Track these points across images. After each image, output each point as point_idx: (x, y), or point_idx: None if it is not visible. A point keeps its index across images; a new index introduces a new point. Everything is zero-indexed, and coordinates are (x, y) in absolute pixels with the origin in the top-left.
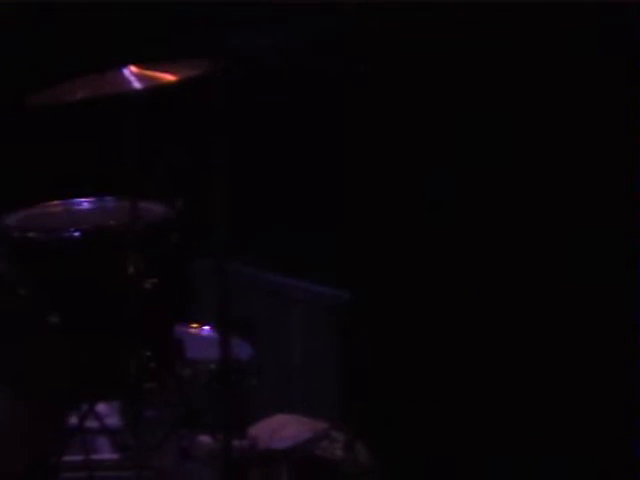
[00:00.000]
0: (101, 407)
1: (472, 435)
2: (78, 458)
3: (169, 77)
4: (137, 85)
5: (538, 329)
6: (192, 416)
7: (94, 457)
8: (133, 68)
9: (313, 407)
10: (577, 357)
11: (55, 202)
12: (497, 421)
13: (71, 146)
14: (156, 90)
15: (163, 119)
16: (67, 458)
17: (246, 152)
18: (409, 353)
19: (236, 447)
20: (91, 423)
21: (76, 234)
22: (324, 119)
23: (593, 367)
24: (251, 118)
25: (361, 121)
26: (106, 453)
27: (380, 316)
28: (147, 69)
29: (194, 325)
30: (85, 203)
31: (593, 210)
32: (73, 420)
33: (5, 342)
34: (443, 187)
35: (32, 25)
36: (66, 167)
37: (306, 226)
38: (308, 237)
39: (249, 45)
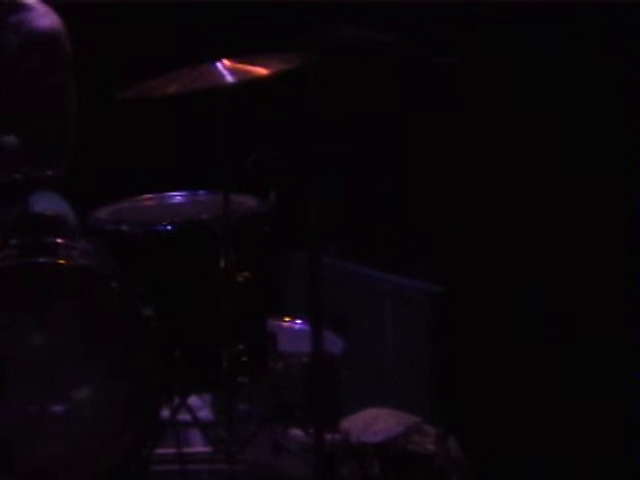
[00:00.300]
0: (193, 400)
1: (561, 432)
2: (170, 451)
3: (262, 71)
4: (230, 79)
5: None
6: (284, 410)
7: (186, 450)
8: (226, 62)
9: (405, 401)
10: None
11: (148, 196)
12: (588, 418)
13: (164, 140)
14: (249, 84)
15: (256, 112)
16: (159, 451)
17: (341, 145)
18: (499, 348)
19: (328, 441)
20: (183, 416)
21: (169, 228)
22: (421, 113)
23: None
24: (345, 111)
25: (457, 115)
26: (198, 446)
27: (472, 311)
28: (240, 63)
29: (286, 319)
30: (178, 197)
31: None
32: (165, 413)
33: (100, 337)
34: (536, 182)
35: (125, 19)
36: (159, 161)
37: (400, 220)
38: (402, 231)
39: (343, 38)
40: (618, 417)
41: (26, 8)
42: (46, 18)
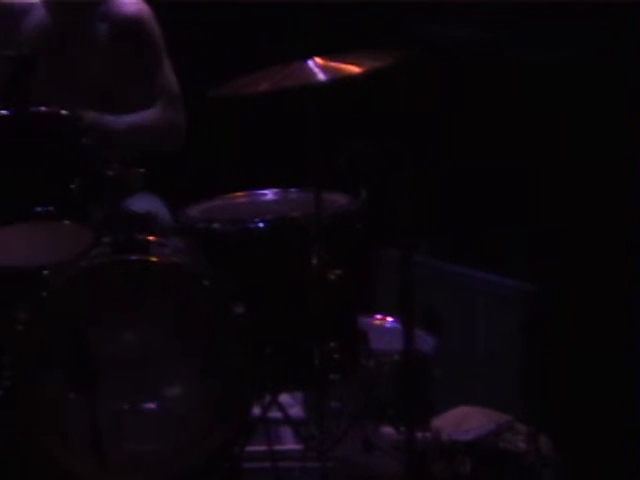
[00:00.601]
0: (284, 398)
1: None
2: (261, 448)
3: (354, 69)
4: (321, 77)
5: None
6: (375, 407)
7: (277, 448)
8: (318, 60)
9: (496, 399)
10: None
11: (240, 193)
12: None
13: (256, 138)
14: (341, 81)
15: (348, 110)
16: (250, 448)
17: (432, 143)
18: (592, 347)
19: (419, 439)
20: (275, 414)
21: (260, 225)
22: (515, 111)
23: None
24: (438, 109)
25: (551, 113)
26: (289, 444)
27: (566, 310)
28: (332, 61)
29: (378, 316)
30: (269, 194)
31: None
32: (257, 410)
33: (191, 334)
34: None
35: (216, 17)
36: (251, 159)
37: (494, 218)
38: (495, 229)
39: (437, 36)
40: None
41: None
42: (133, 5)
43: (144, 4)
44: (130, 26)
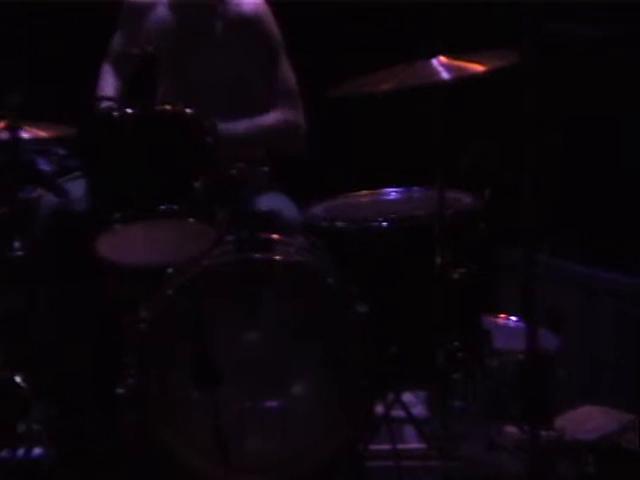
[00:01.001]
0: (407, 396)
1: None
2: (384, 447)
3: (478, 67)
4: (445, 76)
5: None
6: (499, 407)
7: (400, 446)
8: (442, 58)
9: (619, 399)
10: None
11: (363, 192)
12: None
13: (380, 137)
14: (465, 80)
15: (471, 109)
16: (374, 447)
17: (557, 143)
18: None
19: (543, 438)
20: (397, 412)
21: (384, 224)
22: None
23: None
24: (561, 108)
25: None
26: (412, 442)
27: None
28: (456, 59)
29: (501, 315)
30: (393, 193)
31: None
32: (379, 409)
33: (314, 333)
34: None
35: (339, 16)
36: (374, 157)
37: (616, 217)
38: (617, 228)
39: (565, 35)
40: None
41: None
42: (251, 4)
43: (263, 3)
44: (248, 25)
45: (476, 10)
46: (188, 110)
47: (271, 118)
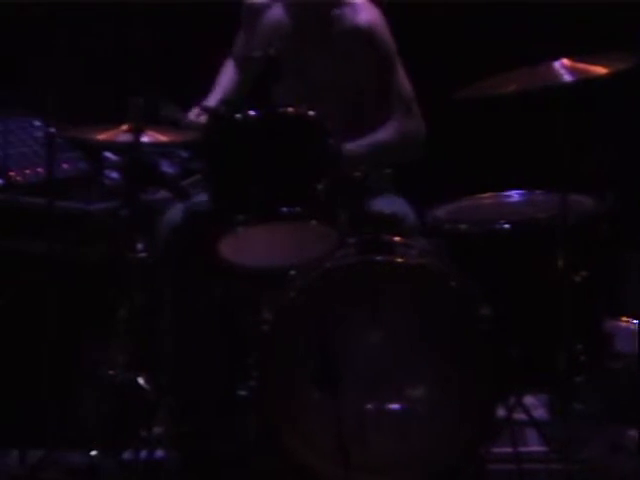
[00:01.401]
0: (529, 399)
1: None
2: (506, 450)
3: (600, 70)
4: (568, 78)
5: None
6: (621, 409)
7: (522, 449)
8: (565, 61)
9: None
10: None
11: (485, 195)
12: None
13: (501, 139)
14: (587, 83)
15: (595, 111)
16: (495, 449)
17: None
18: None
19: None
20: (519, 415)
21: (506, 227)
22: None
23: None
24: None
25: None
26: (534, 445)
27: None
28: (579, 62)
29: (624, 318)
30: (515, 196)
31: None
32: (501, 412)
33: (436, 335)
34: None
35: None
36: (497, 160)
37: None
38: None
39: None
40: None
41: (347, 3)
42: (365, 12)
43: (376, 12)
44: (362, 35)
45: (599, 12)
46: (311, 112)
47: (390, 132)
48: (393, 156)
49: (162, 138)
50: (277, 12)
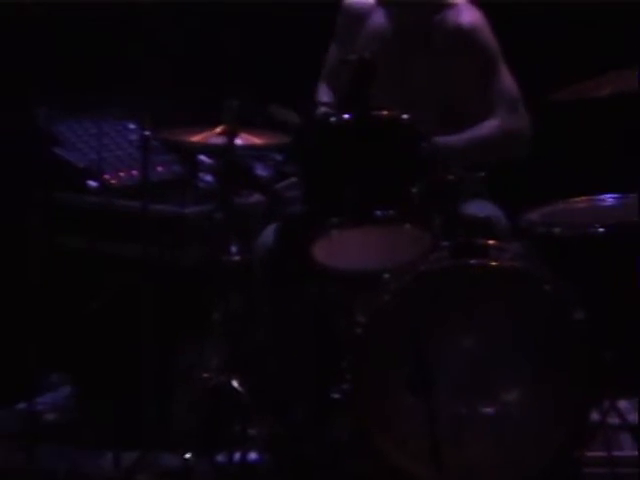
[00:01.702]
0: (623, 403)
1: None
2: (600, 454)
3: None
4: None
5: None
6: None
7: (616, 453)
8: None
9: None
10: None
11: (579, 198)
12: None
13: (597, 142)
14: None
15: None
16: (589, 454)
17: None
18: None
19: None
20: (613, 419)
21: (601, 230)
22: None
23: None
24: None
25: None
26: (628, 450)
27: None
28: None
29: None
30: (609, 199)
31: None
32: (595, 416)
33: (529, 339)
34: None
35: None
36: (591, 162)
37: None
38: None
39: None
40: None
41: (449, 5)
42: (468, 14)
43: (478, 13)
44: (466, 36)
45: None
46: (404, 116)
47: (490, 128)
48: (494, 152)
49: (256, 141)
50: (377, 18)
